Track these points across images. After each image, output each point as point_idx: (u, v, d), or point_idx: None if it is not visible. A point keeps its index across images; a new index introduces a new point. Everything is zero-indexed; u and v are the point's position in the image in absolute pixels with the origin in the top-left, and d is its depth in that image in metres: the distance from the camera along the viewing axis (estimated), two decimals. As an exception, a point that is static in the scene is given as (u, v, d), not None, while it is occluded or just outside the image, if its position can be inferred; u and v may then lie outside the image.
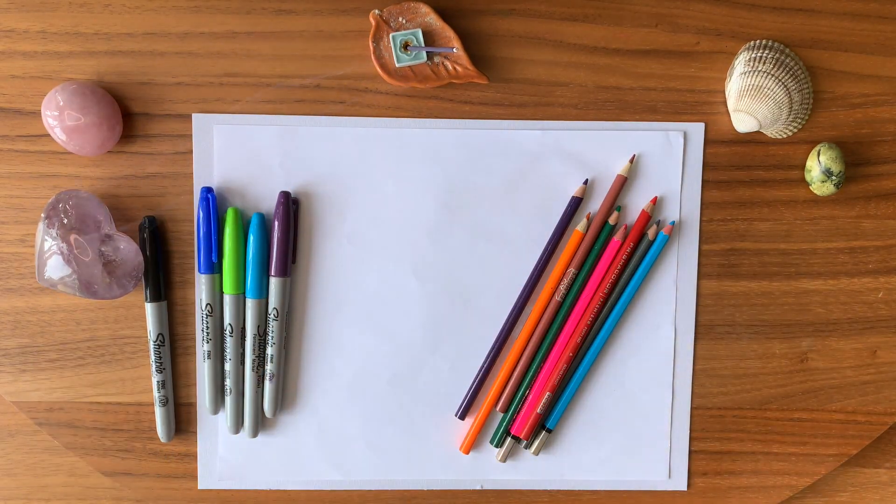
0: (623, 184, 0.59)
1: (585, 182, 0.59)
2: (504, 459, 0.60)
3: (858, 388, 0.61)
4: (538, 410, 0.59)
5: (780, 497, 0.62)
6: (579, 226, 0.58)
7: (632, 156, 0.59)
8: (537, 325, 0.59)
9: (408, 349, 0.60)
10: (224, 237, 0.58)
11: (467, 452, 0.60)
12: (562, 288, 0.59)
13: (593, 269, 0.59)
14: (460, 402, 0.60)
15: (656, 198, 0.59)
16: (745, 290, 0.60)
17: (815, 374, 0.61)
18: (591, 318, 0.59)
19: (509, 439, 0.60)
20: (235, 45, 0.58)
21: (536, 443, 0.60)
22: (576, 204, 0.58)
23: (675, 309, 0.60)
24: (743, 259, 0.60)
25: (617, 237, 0.58)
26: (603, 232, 0.59)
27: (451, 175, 0.58)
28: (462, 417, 0.60)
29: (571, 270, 0.59)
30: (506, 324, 0.59)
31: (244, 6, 0.57)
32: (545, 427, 0.60)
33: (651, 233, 0.59)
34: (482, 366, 0.60)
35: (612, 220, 0.59)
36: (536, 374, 0.59)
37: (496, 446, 0.60)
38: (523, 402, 0.60)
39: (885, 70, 0.59)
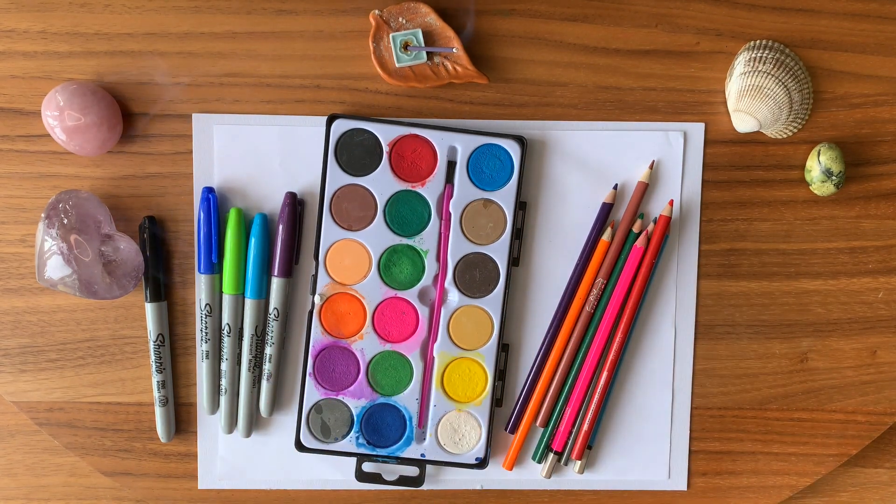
0: (645, 190, 0.58)
1: (615, 187, 0.59)
2: (549, 475, 0.60)
3: (858, 388, 0.61)
4: (585, 427, 0.59)
5: (780, 497, 0.62)
6: (605, 235, 0.58)
7: (651, 161, 0.58)
8: (569, 340, 0.59)
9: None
10: (225, 237, 0.58)
11: (510, 468, 0.60)
12: (592, 299, 0.59)
13: (618, 279, 0.59)
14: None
15: (672, 200, 0.59)
16: (745, 290, 0.60)
17: (815, 374, 0.61)
18: (622, 329, 0.59)
19: (551, 455, 0.60)
20: (235, 45, 0.58)
21: (580, 462, 0.60)
22: (607, 210, 0.59)
23: (675, 309, 0.60)
24: (743, 259, 0.60)
25: (638, 243, 0.58)
26: (628, 240, 0.59)
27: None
28: (512, 431, 0.60)
29: (600, 280, 0.59)
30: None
31: (244, 6, 0.57)
32: (589, 445, 0.60)
33: (648, 229, 0.58)
34: (528, 378, 0.60)
35: (636, 228, 0.58)
36: (572, 389, 0.59)
37: (538, 462, 0.60)
38: (562, 417, 0.60)
39: (885, 70, 0.59)
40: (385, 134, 0.57)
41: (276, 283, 0.58)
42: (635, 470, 0.61)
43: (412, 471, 0.60)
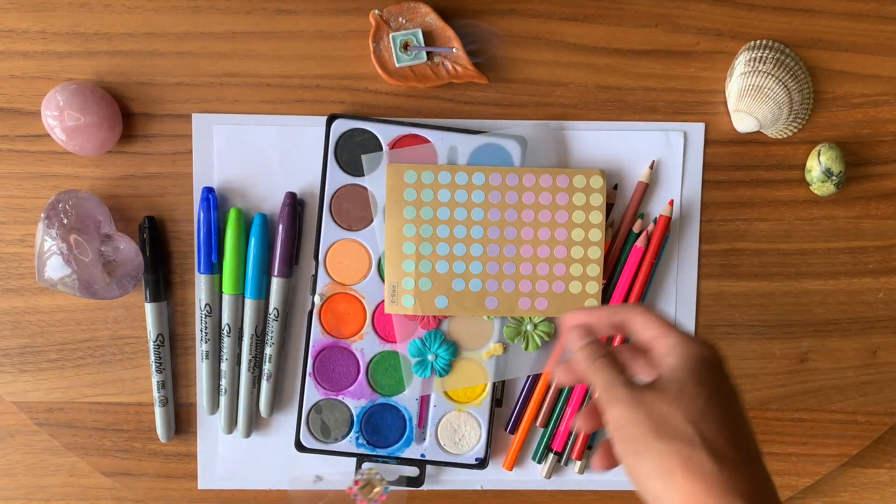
0: (645, 190, 0.58)
1: (615, 187, 0.59)
2: (549, 475, 0.60)
3: (858, 388, 0.61)
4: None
5: (780, 497, 0.62)
6: (605, 235, 0.58)
7: (651, 161, 0.58)
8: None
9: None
10: (225, 237, 0.58)
11: (510, 469, 0.60)
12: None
13: (618, 279, 0.59)
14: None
15: (672, 200, 0.59)
16: (745, 290, 0.60)
17: (815, 374, 0.61)
18: None
19: (551, 455, 0.60)
20: (235, 45, 0.58)
21: (580, 462, 0.60)
22: (607, 210, 0.58)
23: (675, 309, 0.60)
24: (743, 259, 0.60)
25: (639, 243, 0.58)
26: (628, 240, 0.59)
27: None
28: (512, 431, 0.60)
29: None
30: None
31: (244, 6, 0.57)
32: (589, 446, 0.60)
33: (648, 229, 0.58)
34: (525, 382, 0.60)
35: (636, 228, 0.58)
36: (572, 389, 0.59)
37: (538, 462, 0.60)
38: (562, 417, 0.60)
39: (885, 70, 0.59)
40: (385, 134, 0.57)
41: (275, 283, 0.58)
42: (635, 470, 0.61)
43: (412, 471, 0.60)
